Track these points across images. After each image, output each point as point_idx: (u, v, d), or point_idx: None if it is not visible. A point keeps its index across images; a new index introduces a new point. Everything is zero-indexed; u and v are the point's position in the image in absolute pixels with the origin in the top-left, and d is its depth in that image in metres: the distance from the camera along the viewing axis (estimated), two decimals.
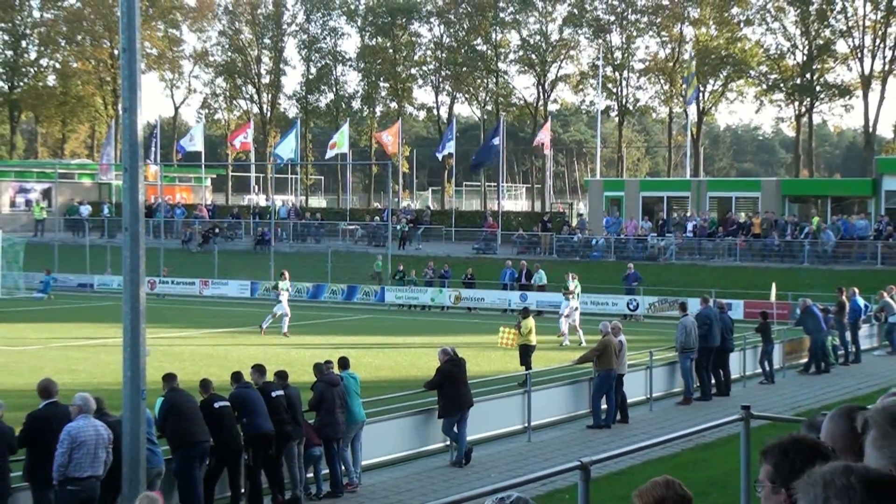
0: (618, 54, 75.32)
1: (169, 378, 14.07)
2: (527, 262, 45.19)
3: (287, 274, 35.96)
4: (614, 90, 75.76)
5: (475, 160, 62.87)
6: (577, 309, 33.69)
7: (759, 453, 3.31)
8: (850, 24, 68.52)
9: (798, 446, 3.23)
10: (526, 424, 19.13)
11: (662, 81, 75.02)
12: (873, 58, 67.75)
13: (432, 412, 17.48)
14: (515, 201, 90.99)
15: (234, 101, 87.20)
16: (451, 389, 17.14)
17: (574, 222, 59.16)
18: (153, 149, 62.96)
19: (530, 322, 25.24)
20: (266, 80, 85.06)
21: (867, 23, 67.66)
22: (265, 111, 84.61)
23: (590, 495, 6.46)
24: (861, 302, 30.52)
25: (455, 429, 17.06)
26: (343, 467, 15.61)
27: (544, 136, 62.18)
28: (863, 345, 30.38)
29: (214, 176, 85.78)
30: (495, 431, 18.90)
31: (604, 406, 20.24)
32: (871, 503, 2.10)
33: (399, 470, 16.67)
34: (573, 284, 34.05)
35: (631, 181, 62.93)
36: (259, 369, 15.27)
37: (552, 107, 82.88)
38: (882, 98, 68.58)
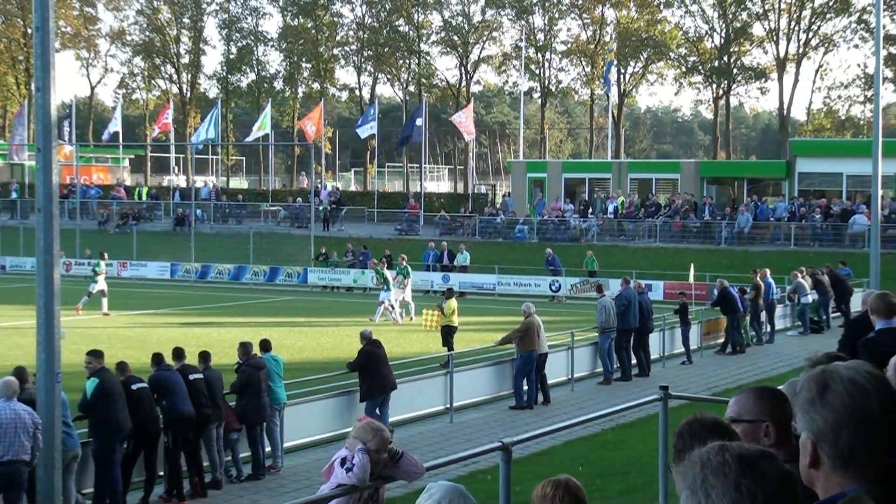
0: (540, 36, 75.63)
1: (96, 354, 13.88)
2: (448, 244, 45.27)
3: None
4: (537, 72, 76.10)
5: (401, 137, 62.34)
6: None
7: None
8: (766, 6, 69.67)
9: (692, 427, 3.28)
10: (448, 405, 19.18)
11: (584, 63, 75.51)
12: (788, 41, 69.05)
13: (355, 394, 17.45)
14: (438, 182, 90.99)
15: (153, 81, 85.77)
16: (373, 372, 17.15)
17: (498, 203, 59.34)
18: (68, 129, 61.78)
19: (453, 303, 25.31)
20: (186, 59, 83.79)
21: (782, 6, 68.86)
22: (185, 91, 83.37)
23: (511, 475, 6.48)
24: (772, 282, 31.02)
25: (377, 411, 17.05)
26: (268, 449, 15.60)
27: (463, 118, 61.38)
28: (777, 325, 30.87)
29: (132, 156, 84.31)
30: (417, 412, 18.92)
31: (526, 387, 20.36)
32: (745, 479, 2.15)
33: (321, 451, 16.58)
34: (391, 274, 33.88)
35: (553, 162, 63.31)
36: (178, 352, 15.14)
37: (475, 88, 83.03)
38: (796, 81, 70.00)
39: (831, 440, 2.49)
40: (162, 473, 14.37)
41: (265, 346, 16.27)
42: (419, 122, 58.10)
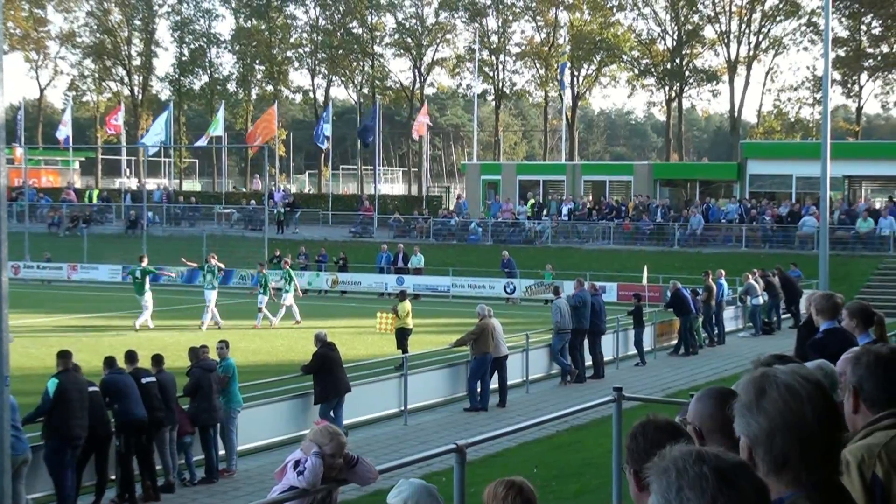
0: (494, 38, 75.79)
1: (62, 354, 13.81)
2: (403, 246, 45.24)
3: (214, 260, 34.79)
4: (491, 74, 76.22)
5: (362, 132, 62.00)
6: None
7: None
8: (717, 9, 70.37)
9: (645, 429, 3.29)
10: (402, 408, 19.16)
11: (538, 66, 75.76)
12: (739, 43, 69.76)
13: (309, 397, 17.39)
14: (392, 185, 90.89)
15: (104, 83, 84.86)
16: (328, 374, 17.11)
17: (451, 205, 59.36)
18: (17, 131, 61.06)
19: (407, 305, 25.29)
20: (137, 62, 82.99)
21: (733, 8, 69.59)
22: (136, 94, 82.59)
23: (466, 478, 6.48)
24: (724, 284, 31.26)
25: (332, 413, 17.01)
26: (222, 452, 15.54)
27: (423, 120, 61.58)
28: (727, 327, 31.09)
29: (83, 159, 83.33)
30: (372, 415, 18.89)
31: (480, 389, 20.36)
32: (722, 495, 2.13)
33: (275, 455, 16.49)
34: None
35: (508, 165, 63.45)
36: (130, 355, 15.02)
37: (429, 90, 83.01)
38: (747, 83, 70.74)
39: (766, 445, 2.51)
40: (113, 477, 14.24)
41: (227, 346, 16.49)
42: (372, 124, 58.03)
